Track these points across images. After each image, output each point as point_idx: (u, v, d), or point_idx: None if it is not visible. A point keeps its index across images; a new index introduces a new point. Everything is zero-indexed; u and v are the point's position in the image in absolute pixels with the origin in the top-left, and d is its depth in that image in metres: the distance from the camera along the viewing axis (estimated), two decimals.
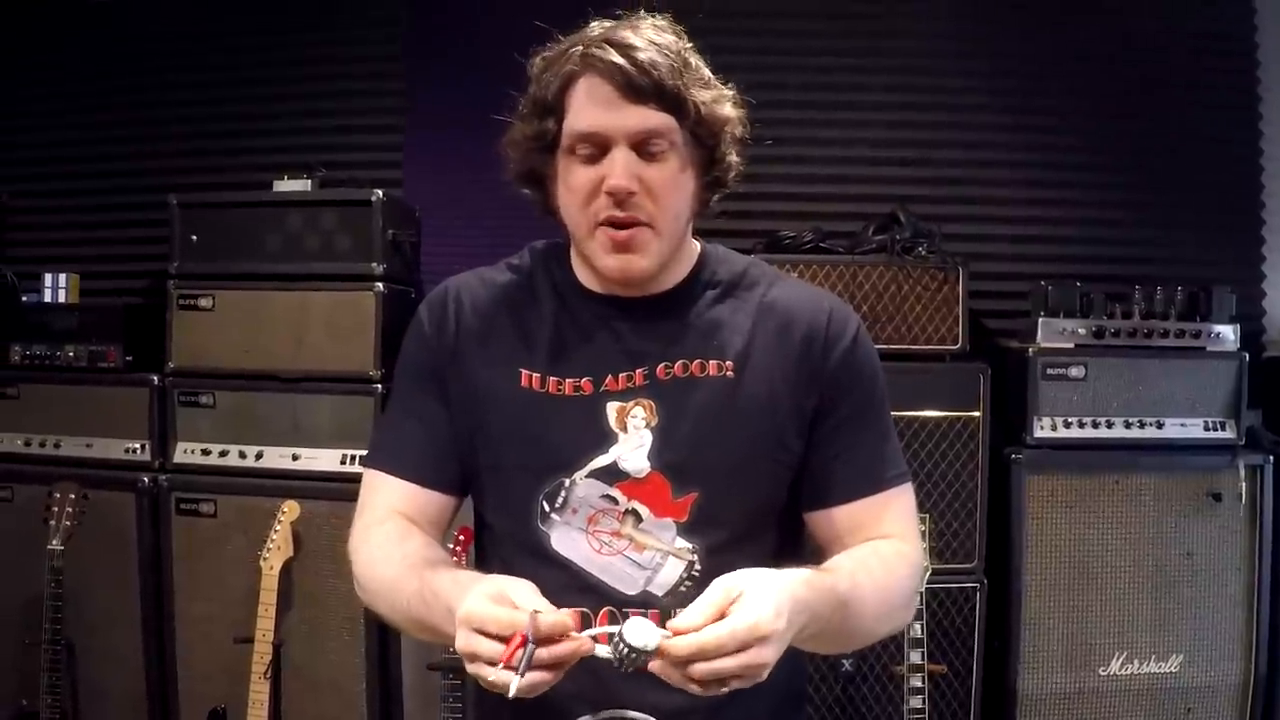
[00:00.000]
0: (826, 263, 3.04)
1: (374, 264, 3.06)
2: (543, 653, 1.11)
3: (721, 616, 1.15)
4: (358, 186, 3.20)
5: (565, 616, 1.14)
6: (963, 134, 3.52)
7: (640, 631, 1.13)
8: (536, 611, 1.13)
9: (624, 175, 1.34)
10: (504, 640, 1.12)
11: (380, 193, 3.09)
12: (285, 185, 3.18)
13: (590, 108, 1.35)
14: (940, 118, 3.52)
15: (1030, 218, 3.50)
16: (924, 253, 3.05)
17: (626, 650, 1.12)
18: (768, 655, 1.14)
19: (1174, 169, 3.49)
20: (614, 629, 1.15)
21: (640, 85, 1.33)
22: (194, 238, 3.15)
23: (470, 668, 1.15)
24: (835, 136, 3.48)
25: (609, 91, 1.34)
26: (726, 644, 1.12)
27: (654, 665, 1.14)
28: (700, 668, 1.12)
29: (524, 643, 1.10)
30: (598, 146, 1.36)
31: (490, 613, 1.14)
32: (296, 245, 3.11)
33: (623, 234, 1.36)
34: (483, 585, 1.19)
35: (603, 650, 1.16)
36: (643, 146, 1.36)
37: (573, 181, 1.38)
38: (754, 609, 1.14)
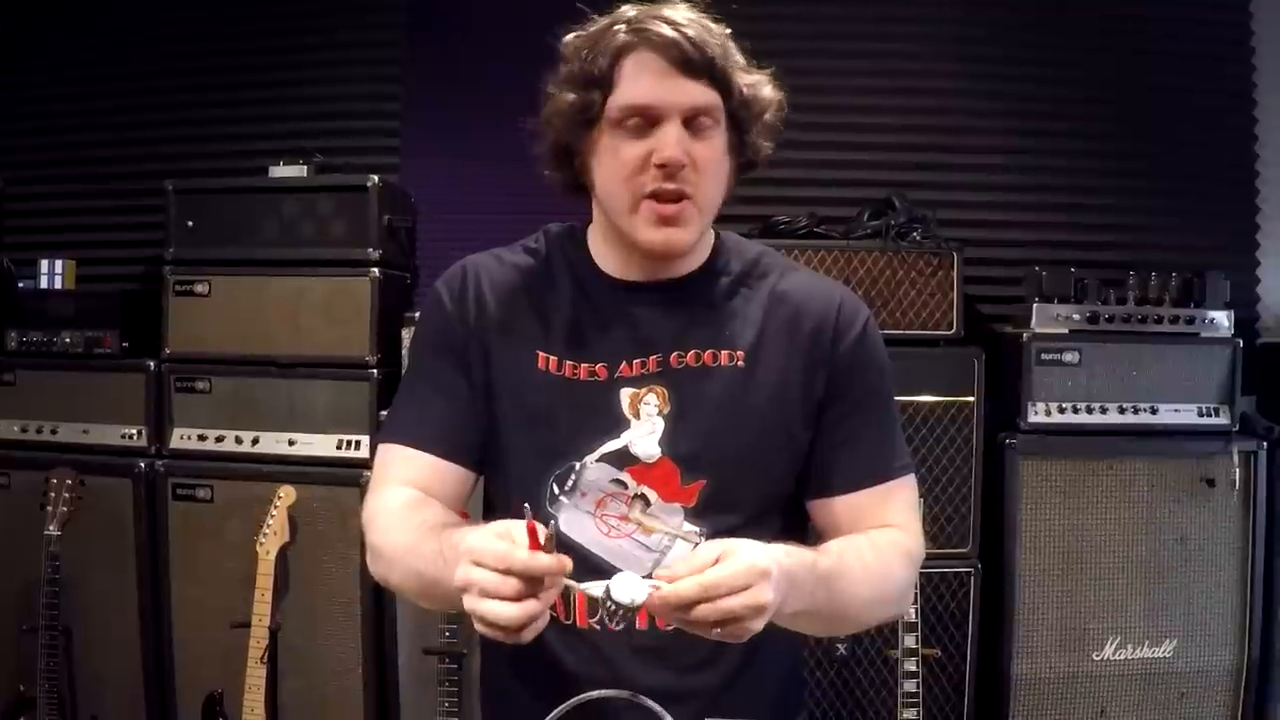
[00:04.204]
0: (821, 248, 3.05)
1: (370, 249, 3.06)
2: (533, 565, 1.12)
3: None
4: (354, 172, 3.20)
5: (563, 559, 1.14)
6: (957, 119, 3.52)
7: (627, 587, 1.14)
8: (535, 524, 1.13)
9: (677, 149, 1.34)
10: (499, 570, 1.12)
11: (376, 178, 3.09)
12: (281, 171, 3.19)
13: (644, 81, 1.36)
14: (935, 103, 3.52)
15: (1025, 203, 3.50)
16: (919, 238, 3.05)
17: (615, 607, 1.13)
18: (768, 594, 1.14)
19: (1168, 155, 3.49)
20: (601, 585, 1.15)
21: (694, 61, 1.34)
22: (190, 224, 3.15)
23: (465, 602, 1.14)
24: (831, 122, 3.47)
25: (663, 65, 1.35)
26: (730, 580, 1.12)
27: (651, 601, 1.14)
28: (706, 608, 1.12)
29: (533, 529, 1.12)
30: (648, 120, 1.36)
31: (489, 545, 1.13)
32: (293, 231, 3.11)
33: (671, 208, 1.37)
34: (495, 524, 1.18)
35: (594, 589, 1.17)
36: (692, 122, 1.36)
37: (619, 155, 1.37)
38: (747, 555, 1.15)
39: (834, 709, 2.98)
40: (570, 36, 1.43)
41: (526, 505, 1.15)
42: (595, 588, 1.16)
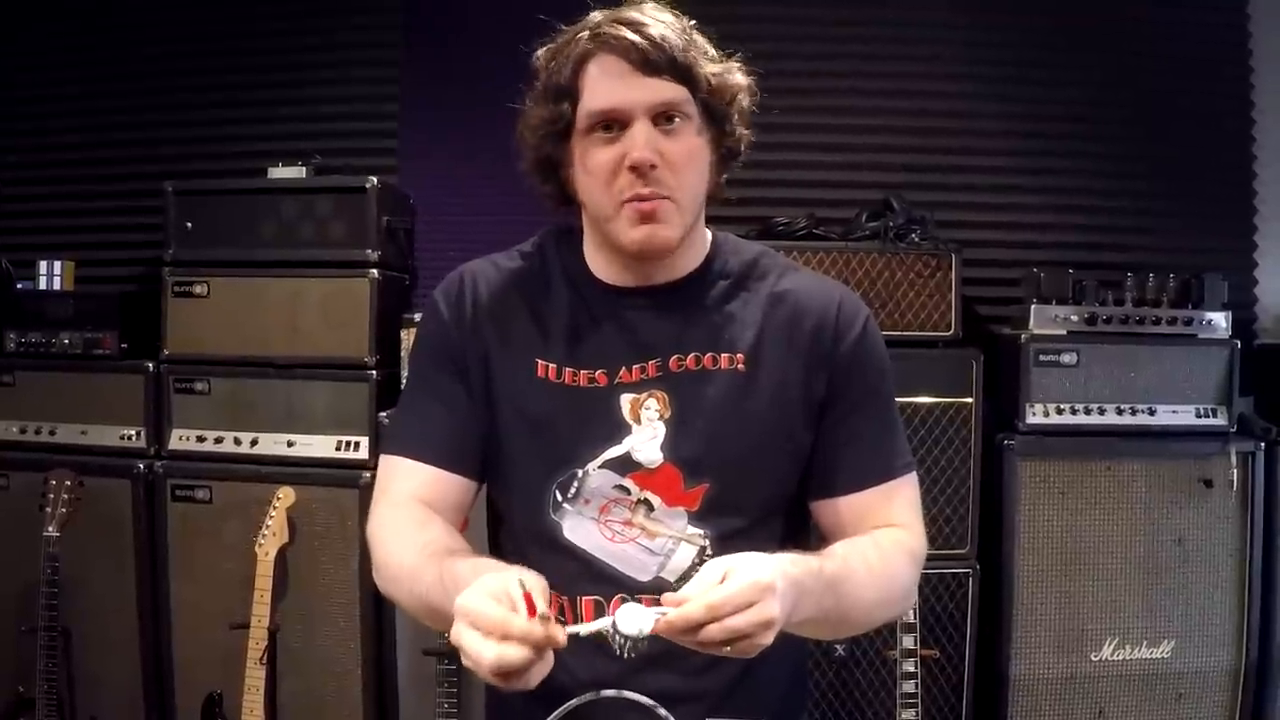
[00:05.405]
0: (820, 249, 3.05)
1: (369, 251, 3.06)
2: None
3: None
4: (353, 174, 3.19)
5: (557, 632, 1.12)
6: (956, 121, 3.52)
7: (633, 619, 1.14)
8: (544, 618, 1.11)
9: (646, 148, 1.34)
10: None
11: (375, 180, 3.09)
12: (280, 172, 3.18)
13: (607, 85, 1.35)
14: (934, 105, 3.52)
15: (1023, 204, 3.50)
16: (917, 239, 3.06)
17: (623, 640, 1.13)
18: (774, 609, 1.14)
19: (1167, 156, 3.49)
20: (606, 622, 1.15)
21: (654, 59, 1.34)
22: (189, 225, 3.15)
23: (464, 659, 1.14)
24: (829, 123, 3.48)
25: (624, 67, 1.35)
26: (735, 599, 1.12)
27: (657, 628, 1.13)
28: (713, 628, 1.11)
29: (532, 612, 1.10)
30: (617, 123, 1.36)
31: (485, 610, 1.11)
32: (291, 232, 3.11)
33: (648, 205, 1.36)
34: (489, 579, 1.16)
35: (601, 625, 1.16)
36: (660, 119, 1.36)
37: (593, 162, 1.38)
38: (750, 571, 1.15)
39: (832, 710, 2.98)
40: (540, 50, 1.43)
41: (521, 580, 1.13)
42: (601, 624, 1.16)
